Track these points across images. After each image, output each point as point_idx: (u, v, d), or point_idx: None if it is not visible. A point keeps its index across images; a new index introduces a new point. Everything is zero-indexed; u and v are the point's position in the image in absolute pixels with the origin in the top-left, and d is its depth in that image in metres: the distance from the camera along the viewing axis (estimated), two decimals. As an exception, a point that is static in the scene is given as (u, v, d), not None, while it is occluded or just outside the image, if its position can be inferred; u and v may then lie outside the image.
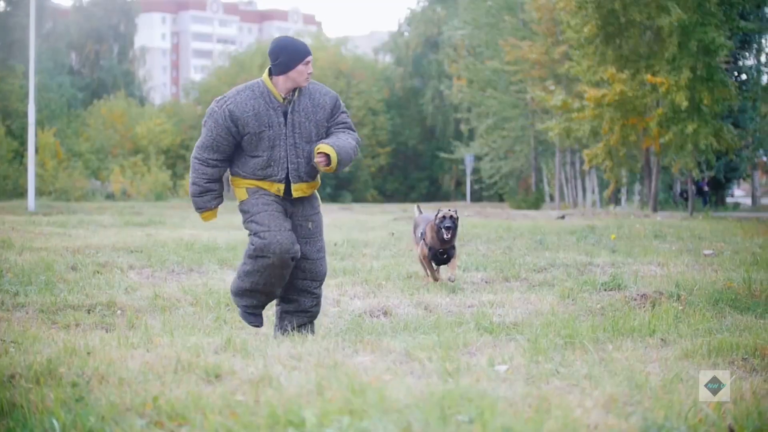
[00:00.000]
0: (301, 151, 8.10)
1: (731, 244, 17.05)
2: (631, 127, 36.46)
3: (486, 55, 60.45)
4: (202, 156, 8.24)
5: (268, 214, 8.05)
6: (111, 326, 8.55)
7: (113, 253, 14.58)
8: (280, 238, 7.94)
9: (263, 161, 8.08)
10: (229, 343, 7.28)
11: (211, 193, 8.40)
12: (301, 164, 8.12)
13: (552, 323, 8.29)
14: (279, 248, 7.90)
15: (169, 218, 27.82)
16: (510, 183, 67.14)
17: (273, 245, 7.90)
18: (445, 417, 4.46)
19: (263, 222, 8.02)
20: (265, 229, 7.98)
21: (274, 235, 7.94)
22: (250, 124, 8.01)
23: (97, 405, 5.03)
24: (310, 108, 8.16)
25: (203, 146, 8.20)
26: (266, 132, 8.03)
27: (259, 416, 4.66)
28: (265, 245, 7.91)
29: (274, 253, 7.91)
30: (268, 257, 7.93)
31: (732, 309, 9.17)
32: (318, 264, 8.30)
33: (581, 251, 15.77)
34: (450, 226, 11.51)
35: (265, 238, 7.94)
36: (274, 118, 8.04)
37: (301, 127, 8.10)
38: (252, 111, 8.03)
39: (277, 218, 8.04)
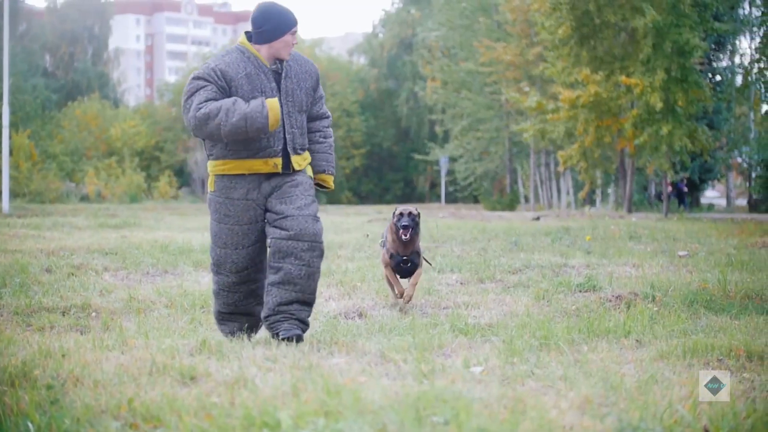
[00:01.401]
0: (295, 121, 7.57)
1: (706, 245, 17.11)
2: (606, 129, 36.59)
3: (460, 56, 60.59)
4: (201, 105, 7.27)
5: (228, 230, 7.57)
6: (86, 328, 8.51)
7: (88, 255, 14.53)
8: (235, 258, 7.58)
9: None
10: (204, 345, 7.26)
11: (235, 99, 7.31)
12: (295, 135, 7.58)
13: (527, 324, 8.30)
14: (235, 268, 7.59)
15: (144, 220, 27.76)
16: (485, 184, 67.27)
17: (228, 264, 7.60)
18: (421, 418, 4.46)
19: (221, 238, 7.61)
20: (221, 245, 7.61)
21: (228, 254, 7.59)
22: (243, 86, 7.36)
23: (72, 407, 5.01)
24: (300, 74, 7.65)
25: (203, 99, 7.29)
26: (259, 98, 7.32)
27: (234, 418, 4.66)
28: (220, 262, 7.63)
29: (230, 272, 7.61)
30: (226, 276, 7.63)
31: (707, 310, 9.20)
32: (300, 220, 7.48)
33: (556, 252, 15.80)
34: (408, 225, 9.82)
35: (220, 255, 7.62)
36: (266, 84, 7.45)
37: (293, 94, 7.56)
38: (244, 72, 7.40)
39: (237, 235, 7.56)
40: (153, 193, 67.00)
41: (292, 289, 7.45)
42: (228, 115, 7.19)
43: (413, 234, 9.98)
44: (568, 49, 36.53)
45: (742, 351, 6.76)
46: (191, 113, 7.30)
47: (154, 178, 71.33)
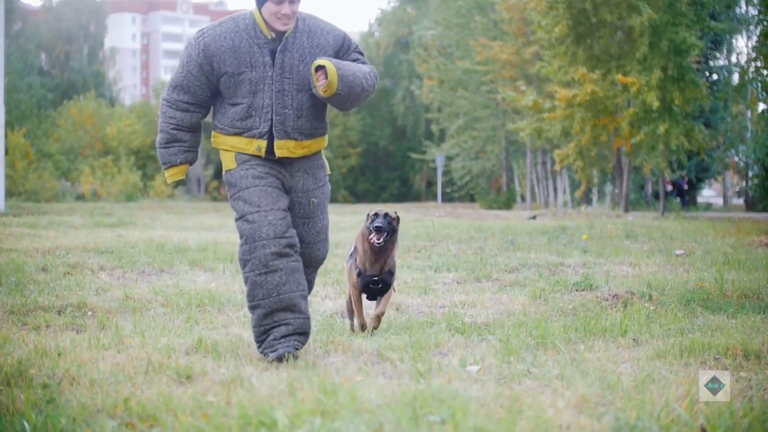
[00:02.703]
0: (290, 101, 6.83)
1: (703, 244, 17.12)
2: (602, 127, 36.56)
3: (457, 55, 60.51)
4: (170, 97, 6.98)
5: (260, 190, 6.82)
6: (82, 327, 8.49)
7: (84, 254, 14.51)
8: (272, 218, 6.72)
9: (242, 110, 6.85)
10: (201, 344, 7.26)
11: (179, 145, 7.08)
12: (288, 116, 6.83)
13: (524, 323, 8.29)
14: (273, 231, 6.68)
15: (140, 219, 27.73)
16: (481, 183, 67.22)
17: (264, 228, 6.69)
18: (417, 417, 4.45)
19: (251, 200, 6.80)
20: (255, 209, 6.76)
21: (264, 215, 6.72)
22: (227, 62, 6.75)
23: (68, 406, 5.00)
24: (306, 48, 6.87)
25: (173, 85, 6.96)
26: (247, 73, 6.78)
27: (230, 417, 4.65)
28: (254, 230, 6.71)
29: (267, 237, 6.68)
30: (264, 247, 6.69)
31: (704, 309, 9.20)
32: (316, 249, 7.23)
33: (553, 251, 15.80)
34: (382, 226, 7.82)
35: (254, 220, 6.72)
36: (258, 57, 6.78)
37: (292, 70, 6.82)
38: (230, 46, 6.76)
39: (271, 195, 6.83)
40: (149, 192, 67.00)
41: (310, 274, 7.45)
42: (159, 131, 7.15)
43: (387, 240, 7.91)
44: (565, 48, 36.51)
45: (739, 350, 6.76)
46: (164, 92, 7.08)
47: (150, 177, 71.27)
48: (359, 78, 6.88)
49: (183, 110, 6.99)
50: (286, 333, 6.79)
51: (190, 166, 7.24)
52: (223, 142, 7.01)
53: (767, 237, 18.24)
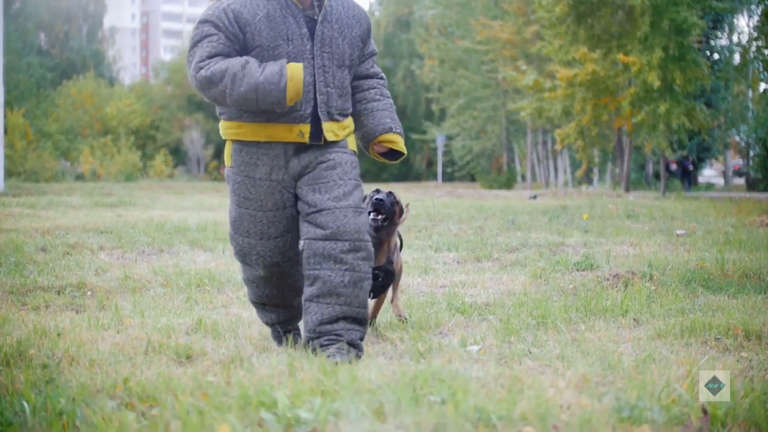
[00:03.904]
0: (332, 78, 6.00)
1: (704, 224, 17.10)
2: (603, 107, 36.56)
3: (457, 34, 60.47)
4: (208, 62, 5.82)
5: (250, 216, 6.10)
6: (81, 307, 8.47)
7: (83, 234, 14.49)
8: (261, 249, 6.14)
9: None
10: (200, 324, 7.25)
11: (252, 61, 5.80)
12: (332, 95, 6.00)
13: (524, 303, 8.27)
14: (262, 261, 6.18)
15: (139, 199, 27.73)
16: (482, 163, 67.26)
17: (252, 257, 6.20)
18: (417, 398, 4.44)
19: (242, 226, 6.16)
20: (244, 236, 6.17)
21: (253, 245, 6.15)
22: (262, 32, 5.83)
23: (67, 387, 4.98)
24: (344, 19, 6.10)
25: (208, 55, 5.83)
26: (283, 47, 5.86)
27: (230, 397, 4.63)
28: (244, 254, 6.23)
29: (257, 265, 6.21)
30: (252, 269, 6.30)
31: (705, 289, 9.18)
32: (339, 215, 5.92)
33: (553, 231, 15.78)
34: (382, 200, 6.96)
35: (243, 246, 6.20)
36: (294, 29, 5.89)
37: (332, 44, 6.00)
38: (264, 13, 5.85)
39: (260, 223, 6.09)
40: (148, 172, 67.05)
41: (334, 301, 5.89)
42: (234, 83, 5.71)
43: (384, 223, 7.00)
44: (566, 27, 36.47)
45: (740, 330, 6.74)
46: (192, 71, 5.88)
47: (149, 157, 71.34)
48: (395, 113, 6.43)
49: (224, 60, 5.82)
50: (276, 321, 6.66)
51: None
52: (247, 132, 6.02)
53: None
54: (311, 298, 5.92)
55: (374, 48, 6.46)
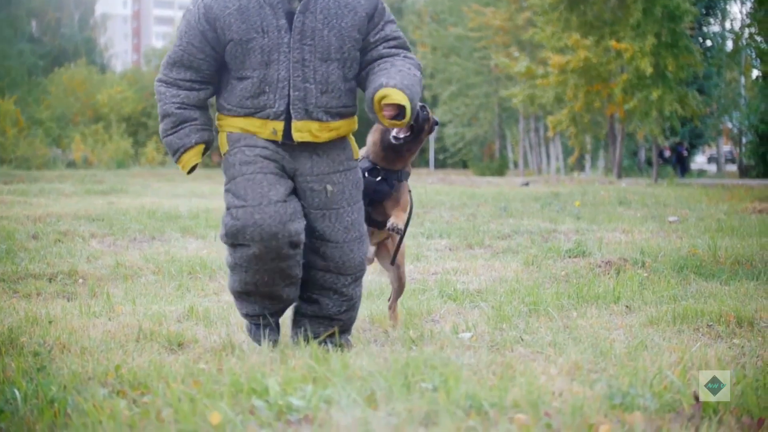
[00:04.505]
0: (312, 73, 5.58)
1: (696, 211, 17.12)
2: (596, 94, 36.56)
3: (449, 21, 60.38)
4: (169, 77, 5.78)
5: (247, 180, 5.58)
6: (73, 295, 8.47)
7: (75, 221, 14.47)
8: (259, 217, 5.47)
9: (253, 85, 5.61)
10: (192, 311, 7.25)
11: (190, 125, 5.77)
12: (310, 91, 5.58)
13: (516, 290, 8.27)
14: (259, 233, 5.47)
15: (131, 186, 27.69)
16: (474, 150, 67.22)
17: (248, 228, 5.48)
18: (409, 384, 4.43)
19: (239, 192, 5.58)
20: (240, 203, 5.54)
21: (250, 213, 5.48)
22: (232, 26, 5.54)
23: (58, 374, 4.98)
24: (332, 9, 5.63)
25: (171, 62, 5.73)
26: (257, 40, 5.54)
27: (222, 384, 4.62)
28: (237, 229, 5.52)
29: (252, 240, 5.49)
30: (247, 245, 5.55)
31: (697, 276, 9.18)
32: (346, 250, 5.77)
33: (545, 218, 15.79)
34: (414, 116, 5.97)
35: (238, 217, 5.52)
36: (271, 20, 5.55)
37: (314, 35, 5.58)
38: (236, 7, 5.54)
39: (260, 185, 5.56)
40: (140, 159, 66.84)
41: (328, 323, 5.92)
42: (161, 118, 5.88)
43: (410, 140, 6.35)
44: (558, 14, 36.46)
45: (732, 317, 6.74)
46: (158, 76, 5.88)
47: (141, 144, 71.09)
48: (420, 93, 5.69)
49: (187, 89, 5.74)
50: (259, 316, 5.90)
51: (206, 153, 5.91)
52: (229, 124, 5.76)
53: (761, 203, 18.26)
54: (306, 314, 5.92)
55: (391, 32, 5.83)
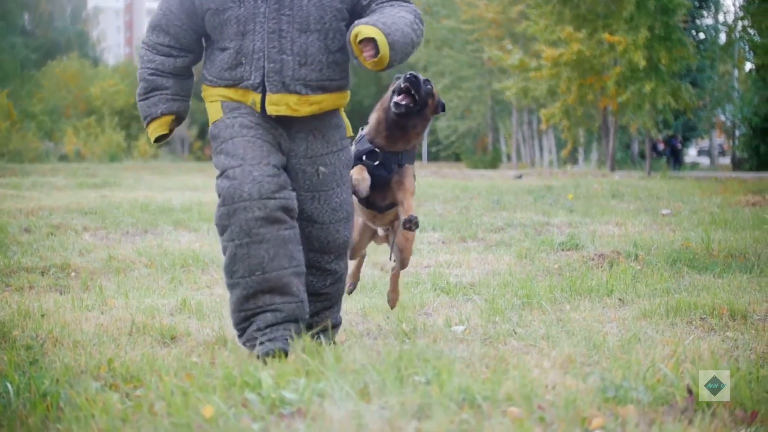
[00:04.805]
0: (290, 44, 5.37)
1: (689, 204, 17.13)
2: (589, 87, 36.55)
3: (442, 14, 60.33)
4: (149, 40, 5.64)
5: (247, 141, 5.38)
6: (65, 288, 8.46)
7: (67, 214, 14.46)
8: (258, 174, 5.25)
9: (230, 56, 5.45)
10: (185, 304, 7.24)
11: (160, 93, 5.65)
12: (287, 63, 5.37)
13: (509, 283, 8.27)
14: (258, 189, 5.21)
15: (124, 179, 27.68)
16: (467, 143, 67.24)
17: (246, 186, 5.22)
18: (402, 378, 4.43)
19: (235, 152, 5.36)
20: (237, 162, 5.31)
21: (248, 171, 5.25)
22: None
23: (51, 368, 4.97)
24: None
25: (152, 26, 5.63)
26: (233, 9, 5.39)
27: (214, 378, 4.62)
28: (234, 188, 5.25)
29: (251, 198, 5.21)
30: (245, 210, 5.23)
31: (690, 269, 9.18)
32: (331, 230, 5.62)
33: (538, 211, 15.79)
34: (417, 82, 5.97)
35: (235, 177, 5.27)
36: None
37: (293, 5, 5.38)
38: None
39: (260, 148, 5.37)
40: (133, 153, 66.71)
41: (314, 300, 5.71)
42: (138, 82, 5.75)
43: (414, 111, 5.96)
44: (551, 7, 36.42)
45: (726, 310, 6.75)
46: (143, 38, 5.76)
47: (133, 137, 70.93)
48: (409, 36, 5.40)
49: (163, 54, 5.63)
50: (273, 321, 5.33)
51: (179, 124, 5.82)
52: (211, 94, 5.58)
53: (754, 196, 18.26)
54: None
55: None
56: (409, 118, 5.91)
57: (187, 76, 5.76)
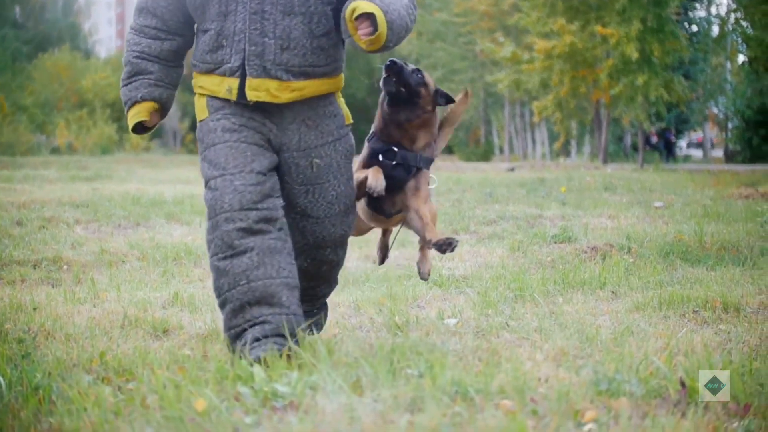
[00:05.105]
0: (272, 26, 5.05)
1: (682, 197, 17.13)
2: (581, 79, 36.55)
3: (435, 6, 60.25)
4: (136, 23, 5.41)
5: (229, 147, 5.08)
6: (57, 282, 8.45)
7: (59, 207, 14.43)
8: (239, 184, 4.98)
9: (212, 38, 5.15)
10: (177, 297, 7.23)
11: (143, 78, 5.36)
12: (268, 47, 5.05)
13: (502, 276, 8.27)
14: (239, 200, 4.95)
15: (116, 172, 27.66)
16: (459, 135, 67.16)
17: (227, 196, 4.95)
18: (395, 371, 4.42)
19: (217, 160, 5.08)
20: (219, 172, 5.04)
21: (229, 180, 4.99)
22: None
23: (43, 361, 4.96)
24: None
25: (139, 8, 5.42)
26: None
27: (207, 371, 4.62)
28: (216, 200, 4.99)
29: (231, 209, 4.94)
30: (227, 222, 4.96)
31: (683, 261, 9.18)
32: (328, 225, 5.33)
33: (531, 204, 15.79)
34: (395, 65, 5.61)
35: (217, 187, 5.01)
36: None
37: None
38: None
39: (243, 154, 5.07)
40: (125, 145, 66.62)
41: (308, 282, 5.49)
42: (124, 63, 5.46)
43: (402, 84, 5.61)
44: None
45: (718, 302, 6.74)
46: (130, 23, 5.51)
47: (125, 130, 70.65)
48: (404, 19, 5.12)
49: (150, 37, 5.35)
50: (261, 334, 4.93)
51: (162, 116, 5.52)
52: (196, 84, 5.32)
53: (747, 189, 18.27)
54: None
55: None
56: (399, 109, 5.59)
57: (175, 64, 5.47)
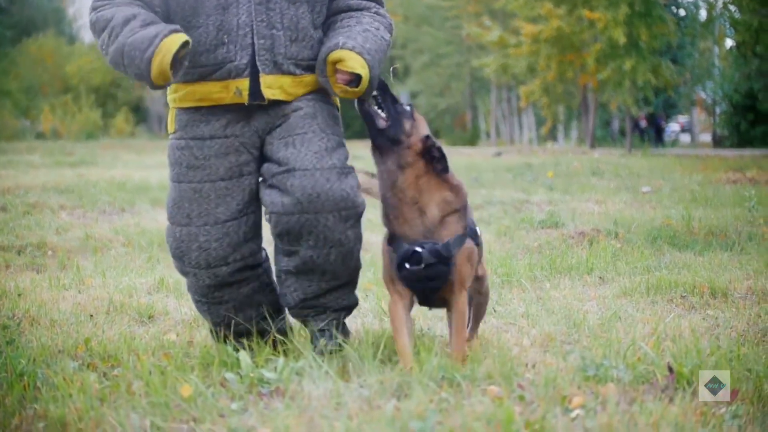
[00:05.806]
0: (279, 17, 4.56)
1: (670, 181, 17.15)
2: (569, 63, 36.58)
3: (421, -9, 60.26)
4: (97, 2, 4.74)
5: (193, 191, 4.63)
6: (42, 267, 8.42)
7: (44, 193, 14.39)
8: (204, 240, 4.62)
9: (208, 35, 4.53)
10: (162, 283, 7.21)
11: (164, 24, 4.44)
12: (278, 39, 4.55)
13: (489, 261, 8.24)
14: (205, 258, 4.63)
15: (101, 158, 27.60)
16: (446, 120, 67.22)
17: (193, 253, 4.65)
18: (381, 357, 4.41)
19: (181, 204, 4.67)
20: (184, 221, 4.66)
21: (194, 235, 4.62)
22: None
23: (28, 347, 4.94)
24: None
25: None
26: None
27: (192, 357, 4.61)
28: (182, 251, 4.69)
29: (198, 267, 4.67)
30: (196, 278, 4.72)
31: (670, 246, 9.18)
32: (318, 178, 4.50)
33: (518, 189, 15.79)
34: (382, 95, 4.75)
35: (182, 239, 4.67)
36: None
37: None
38: None
39: (207, 199, 4.62)
40: (110, 131, 66.54)
41: (319, 278, 4.70)
42: (110, 38, 4.50)
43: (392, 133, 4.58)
44: (530, -17, 36.42)
45: (706, 287, 6.74)
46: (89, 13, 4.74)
47: (110, 115, 70.70)
48: (384, 51, 4.80)
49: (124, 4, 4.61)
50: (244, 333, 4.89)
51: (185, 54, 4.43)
52: (183, 98, 4.69)
53: (734, 174, 18.30)
54: (289, 272, 4.72)
55: None
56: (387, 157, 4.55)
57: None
